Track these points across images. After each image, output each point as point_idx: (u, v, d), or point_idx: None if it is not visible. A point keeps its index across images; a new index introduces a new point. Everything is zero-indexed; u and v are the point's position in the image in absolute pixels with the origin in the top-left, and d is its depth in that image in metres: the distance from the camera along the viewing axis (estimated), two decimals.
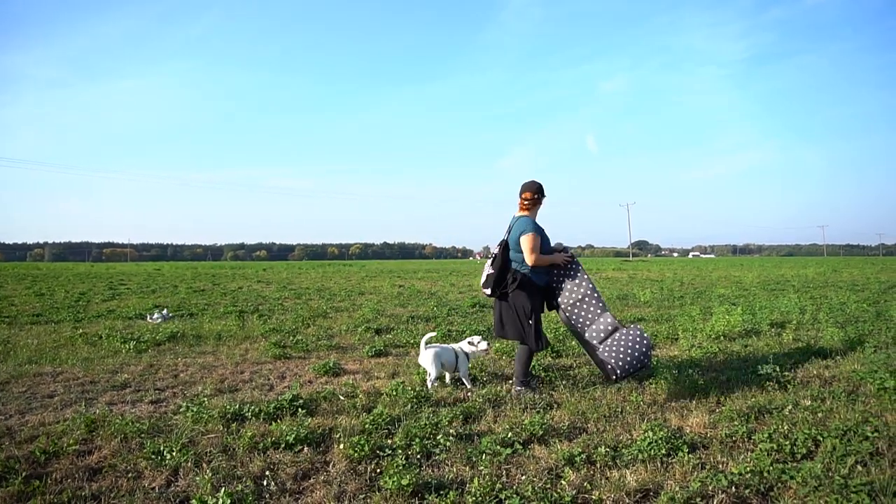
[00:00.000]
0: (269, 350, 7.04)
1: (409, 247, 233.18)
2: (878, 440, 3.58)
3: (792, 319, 9.40)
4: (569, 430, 3.94)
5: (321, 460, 3.54)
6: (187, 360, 6.67)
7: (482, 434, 3.91)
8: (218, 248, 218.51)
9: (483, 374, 5.70)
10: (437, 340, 6.78)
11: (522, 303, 4.94)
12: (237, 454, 3.58)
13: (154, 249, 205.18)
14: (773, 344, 7.27)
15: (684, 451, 3.47)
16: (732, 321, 8.23)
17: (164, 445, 3.59)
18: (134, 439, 3.80)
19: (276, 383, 5.64)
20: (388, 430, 3.98)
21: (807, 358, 6.30)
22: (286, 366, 6.43)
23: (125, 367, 6.29)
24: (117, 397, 5.06)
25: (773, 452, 3.44)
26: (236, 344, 7.76)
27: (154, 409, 4.70)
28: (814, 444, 3.57)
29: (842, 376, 5.45)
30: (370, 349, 7.03)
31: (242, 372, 6.11)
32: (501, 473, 3.31)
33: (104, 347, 7.37)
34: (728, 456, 3.47)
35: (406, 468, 3.25)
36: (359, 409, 4.50)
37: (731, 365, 6.00)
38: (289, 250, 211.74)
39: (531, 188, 5.09)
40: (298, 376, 5.89)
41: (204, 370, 6.19)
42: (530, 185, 5.11)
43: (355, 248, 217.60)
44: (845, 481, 2.97)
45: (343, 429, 3.96)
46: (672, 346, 7.32)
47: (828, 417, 4.12)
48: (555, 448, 3.62)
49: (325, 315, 11.06)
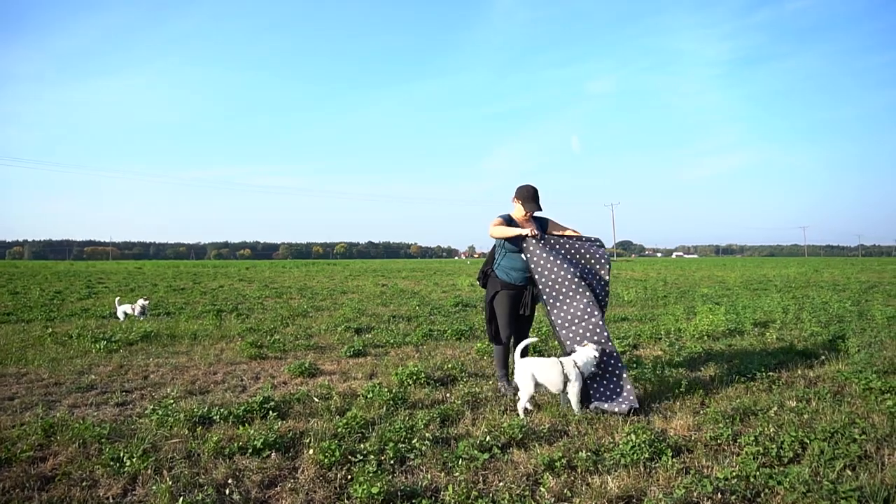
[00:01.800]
0: (245, 350, 6.84)
1: (395, 246, 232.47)
2: (865, 443, 3.48)
3: (775, 319, 9.37)
4: (549, 434, 3.80)
5: (289, 466, 3.36)
6: (159, 361, 6.45)
7: (459, 437, 3.76)
8: (201, 246, 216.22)
9: (463, 375, 5.55)
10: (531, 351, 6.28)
11: (487, 298, 5.14)
12: (201, 460, 3.40)
13: (136, 248, 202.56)
14: (756, 344, 7.21)
15: (668, 454, 3.34)
16: (716, 321, 8.18)
17: (123, 451, 3.39)
18: (93, 445, 3.60)
19: (249, 384, 5.45)
20: (362, 434, 3.81)
21: (791, 358, 6.23)
22: (261, 366, 6.24)
23: (93, 367, 6.07)
24: (81, 400, 4.84)
25: (759, 456, 3.33)
26: (212, 344, 7.55)
27: (119, 412, 4.49)
28: (800, 446, 3.46)
29: (826, 376, 5.38)
30: (349, 349, 6.86)
31: (215, 373, 5.91)
32: (478, 480, 3.16)
33: (73, 347, 7.12)
34: (713, 460, 3.35)
35: (378, 475, 3.09)
36: (332, 411, 4.33)
37: (716, 365, 5.91)
38: (273, 249, 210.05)
39: (516, 191, 5.07)
40: (273, 377, 5.71)
41: (175, 371, 5.98)
42: (518, 189, 5.07)
43: (340, 247, 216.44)
44: (834, 486, 2.86)
45: (314, 433, 3.79)
46: (655, 345, 7.23)
47: (814, 419, 4.02)
48: (534, 452, 3.48)
49: (305, 314, 10.86)
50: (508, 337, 5.09)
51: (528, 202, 4.95)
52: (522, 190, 5.00)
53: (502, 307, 5.03)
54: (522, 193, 4.99)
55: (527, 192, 4.98)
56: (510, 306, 5.02)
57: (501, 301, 5.03)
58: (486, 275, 5.24)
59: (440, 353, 6.86)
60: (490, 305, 5.12)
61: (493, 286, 5.12)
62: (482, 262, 5.67)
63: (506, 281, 5.01)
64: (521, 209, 5.00)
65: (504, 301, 5.02)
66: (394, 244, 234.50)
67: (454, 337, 7.81)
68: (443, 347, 7.22)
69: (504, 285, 5.02)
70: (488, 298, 5.14)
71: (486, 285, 5.22)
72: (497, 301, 5.06)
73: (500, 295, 5.04)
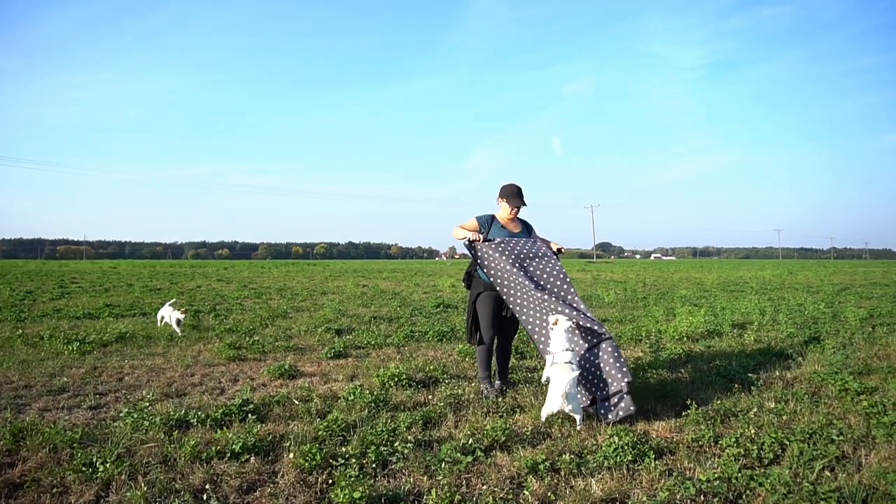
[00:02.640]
0: (224, 351, 6.72)
1: (375, 246, 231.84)
2: (843, 443, 3.53)
3: (752, 321, 9.49)
4: (532, 436, 3.79)
5: (269, 471, 3.30)
6: (135, 363, 6.31)
7: (442, 440, 3.72)
8: (179, 246, 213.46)
9: (445, 376, 5.52)
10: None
11: (471, 298, 5.14)
12: (177, 465, 3.31)
13: (111, 247, 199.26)
14: (735, 345, 7.29)
15: (651, 457, 3.35)
16: (695, 322, 8.25)
17: (96, 456, 3.30)
18: (64, 450, 3.49)
19: (227, 387, 5.36)
20: (343, 437, 3.76)
21: (768, 359, 6.30)
22: (240, 368, 6.14)
23: (66, 370, 5.91)
24: (52, 403, 4.71)
25: (740, 457, 3.34)
26: (189, 345, 7.41)
27: (92, 415, 4.38)
28: (780, 447, 3.49)
29: (803, 378, 5.45)
30: (329, 350, 6.79)
31: (193, 375, 5.80)
32: (461, 483, 3.12)
33: (45, 349, 6.93)
34: (695, 461, 3.36)
35: (360, 479, 3.05)
36: (313, 414, 4.26)
37: (696, 366, 5.95)
38: (252, 249, 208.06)
39: (500, 190, 5.10)
40: (252, 379, 5.61)
41: (151, 373, 5.85)
42: (502, 187, 5.10)
43: (320, 247, 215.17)
44: (814, 487, 2.89)
45: (294, 436, 3.73)
46: (636, 347, 7.27)
47: (793, 420, 4.07)
48: (517, 455, 3.46)
49: (284, 315, 10.73)
50: (492, 339, 5.06)
51: (513, 198, 4.97)
52: (506, 188, 5.03)
53: (485, 308, 5.01)
54: (507, 191, 5.01)
55: (510, 189, 5.01)
56: (493, 307, 5.00)
57: (484, 302, 5.01)
58: (470, 276, 5.25)
59: (422, 354, 6.82)
60: (473, 306, 5.10)
61: (476, 287, 5.10)
62: (463, 263, 5.68)
63: (488, 282, 4.99)
64: (506, 207, 5.02)
65: (487, 302, 5.00)
66: (374, 245, 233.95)
67: (436, 338, 7.78)
68: (424, 349, 7.18)
69: (487, 286, 5.00)
70: (472, 299, 5.12)
71: (471, 286, 5.22)
72: (480, 302, 5.04)
73: (483, 296, 5.02)
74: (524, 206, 5.05)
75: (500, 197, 5.06)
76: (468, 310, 5.17)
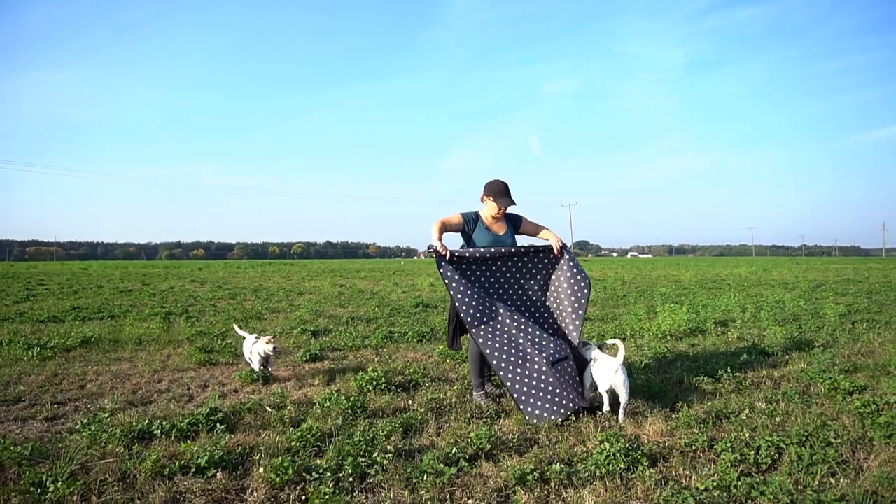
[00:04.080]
0: (194, 356, 6.42)
1: (353, 246, 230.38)
2: (840, 446, 3.39)
3: (734, 318, 9.44)
4: (519, 444, 3.58)
5: (237, 487, 3.05)
6: (99, 369, 5.99)
7: (424, 450, 3.51)
8: (152, 246, 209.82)
9: (425, 379, 5.30)
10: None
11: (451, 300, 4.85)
12: (137, 482, 3.05)
13: (83, 248, 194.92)
14: (719, 343, 7.19)
15: (644, 464, 3.17)
16: (678, 320, 8.14)
17: (47, 474, 3.02)
18: (11, 468, 3.20)
19: (196, 393, 5.08)
20: (318, 448, 3.52)
21: (754, 357, 6.21)
22: (211, 373, 5.85)
23: (23, 377, 5.56)
24: (5, 414, 4.38)
25: (737, 463, 3.19)
26: (158, 349, 7.09)
27: (47, 427, 4.07)
28: (777, 452, 3.34)
29: (791, 376, 5.34)
30: (305, 353, 6.53)
31: (160, 381, 5.51)
32: (445, 497, 2.91)
33: (2, 355, 6.56)
34: (691, 469, 3.19)
35: (335, 495, 2.82)
36: (286, 422, 4.02)
37: (682, 366, 5.82)
38: (228, 249, 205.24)
39: (485, 188, 4.73)
40: (223, 385, 5.34)
41: (116, 379, 5.54)
42: (487, 184, 4.72)
43: (297, 247, 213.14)
44: (818, 495, 2.74)
45: (266, 447, 3.48)
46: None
47: (786, 422, 3.93)
48: (504, 465, 3.26)
49: (259, 316, 10.42)
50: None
51: (501, 197, 4.61)
52: (493, 185, 4.66)
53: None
54: (493, 188, 4.65)
55: (497, 186, 4.65)
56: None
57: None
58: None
59: (401, 356, 6.60)
60: (454, 308, 4.87)
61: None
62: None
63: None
64: (493, 206, 4.64)
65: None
66: (352, 244, 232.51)
67: (415, 339, 7.56)
68: (404, 350, 6.96)
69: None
70: (454, 301, 4.88)
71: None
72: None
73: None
74: (513, 205, 4.69)
75: (486, 195, 4.67)
76: (450, 312, 4.86)
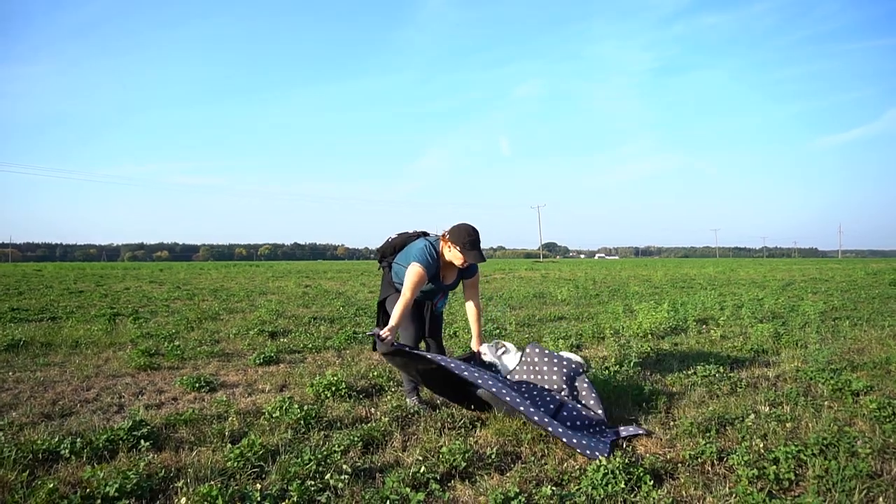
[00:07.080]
0: (135, 359, 5.74)
1: (321, 248, 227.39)
2: (870, 457, 2.96)
3: (715, 316, 9.12)
4: (499, 459, 3.06)
5: None
6: (22, 375, 5.28)
7: (387, 468, 2.96)
8: (114, 248, 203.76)
9: (391, 384, 4.76)
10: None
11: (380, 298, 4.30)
12: None
13: (40, 249, 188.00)
14: (703, 342, 6.81)
15: (648, 483, 2.68)
16: (658, 318, 7.76)
17: None
18: None
19: (128, 402, 4.43)
20: (260, 469, 2.95)
21: (743, 356, 5.82)
22: (150, 378, 5.20)
23: None
24: None
25: (755, 480, 2.72)
26: (96, 353, 6.39)
27: None
28: (797, 464, 2.90)
29: (788, 376, 4.95)
30: (259, 356, 5.91)
31: (89, 388, 4.84)
32: None
33: None
34: (704, 488, 2.70)
35: None
36: (225, 437, 3.42)
37: (669, 366, 5.39)
38: (193, 251, 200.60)
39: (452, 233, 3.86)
40: (160, 392, 4.71)
41: (38, 387, 4.85)
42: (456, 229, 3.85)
43: (264, 248, 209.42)
44: None
45: (195, 469, 2.89)
46: (600, 345, 6.69)
47: (798, 428, 3.50)
48: (483, 486, 2.73)
49: (215, 317, 9.70)
50: (415, 340, 4.06)
51: (469, 251, 3.77)
52: (462, 233, 3.79)
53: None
54: (461, 238, 3.78)
55: (468, 236, 3.78)
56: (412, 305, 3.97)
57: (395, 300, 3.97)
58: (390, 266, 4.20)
59: (365, 358, 6.03)
60: (381, 307, 4.18)
61: (386, 290, 4.18)
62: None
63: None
64: (457, 255, 3.82)
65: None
66: (320, 245, 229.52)
67: None
68: (368, 352, 6.39)
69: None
70: (380, 299, 4.21)
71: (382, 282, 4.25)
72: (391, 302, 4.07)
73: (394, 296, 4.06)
74: (481, 262, 3.86)
75: (453, 241, 3.81)
76: (376, 312, 4.24)
